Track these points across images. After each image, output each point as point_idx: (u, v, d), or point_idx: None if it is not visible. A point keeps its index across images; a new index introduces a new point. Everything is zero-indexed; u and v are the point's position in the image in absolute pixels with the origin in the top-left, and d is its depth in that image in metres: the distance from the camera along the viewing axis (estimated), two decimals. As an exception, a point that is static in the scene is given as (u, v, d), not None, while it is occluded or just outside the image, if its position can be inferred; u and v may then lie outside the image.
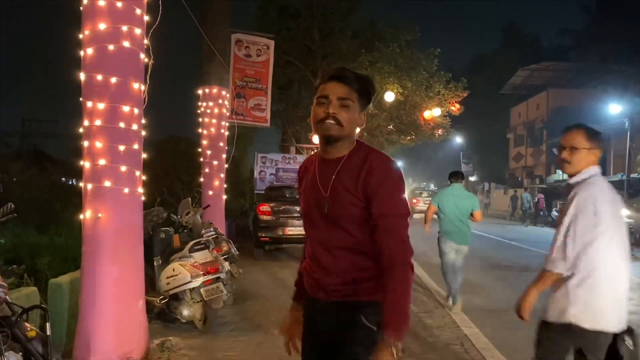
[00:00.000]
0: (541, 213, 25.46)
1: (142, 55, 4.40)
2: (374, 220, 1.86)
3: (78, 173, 4.28)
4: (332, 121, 1.89)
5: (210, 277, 5.05)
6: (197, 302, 5.11)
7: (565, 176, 2.72)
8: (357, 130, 2.01)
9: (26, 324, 3.06)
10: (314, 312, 2.05)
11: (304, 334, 2.12)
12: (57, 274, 5.13)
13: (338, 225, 1.92)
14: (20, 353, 2.90)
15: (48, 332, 3.03)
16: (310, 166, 2.11)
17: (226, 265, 5.52)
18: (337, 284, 1.93)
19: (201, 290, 5.02)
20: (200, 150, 8.98)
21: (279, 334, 2.20)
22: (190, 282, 5.00)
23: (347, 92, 1.91)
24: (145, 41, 4.49)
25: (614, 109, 22.91)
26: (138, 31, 4.29)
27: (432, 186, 48.86)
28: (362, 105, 1.98)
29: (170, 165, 15.48)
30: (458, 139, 37.35)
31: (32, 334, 3.00)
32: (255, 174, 16.66)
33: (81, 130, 4.22)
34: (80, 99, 4.21)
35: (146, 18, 4.45)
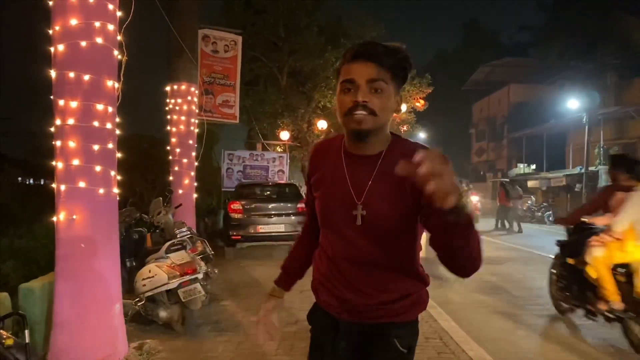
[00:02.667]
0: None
1: (116, 52, 4.28)
2: (429, 214, 1.46)
3: (37, 172, 4.14)
4: (364, 111, 1.53)
5: (187, 278, 4.96)
6: (175, 303, 5.01)
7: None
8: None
9: (1, 331, 2.95)
10: (331, 332, 1.73)
11: (314, 352, 1.82)
12: (20, 278, 4.97)
13: (376, 239, 1.60)
14: (-2, 362, 2.79)
15: (27, 340, 2.93)
16: (326, 159, 1.74)
17: (203, 265, 5.44)
18: (368, 305, 1.64)
19: (179, 291, 4.92)
20: (169, 148, 8.82)
21: (255, 321, 1.95)
22: (168, 283, 4.90)
23: (378, 72, 1.54)
24: (119, 37, 4.37)
25: (572, 104, 23.56)
26: (111, 27, 4.17)
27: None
28: (397, 86, 1.61)
29: (134, 164, 15.17)
30: (422, 135, 37.85)
31: (10, 342, 2.90)
32: (223, 172, 16.49)
33: (52, 129, 4.08)
34: (51, 96, 4.06)
35: (119, 14, 4.33)
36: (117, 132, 4.38)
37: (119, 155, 4.42)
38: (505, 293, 7.30)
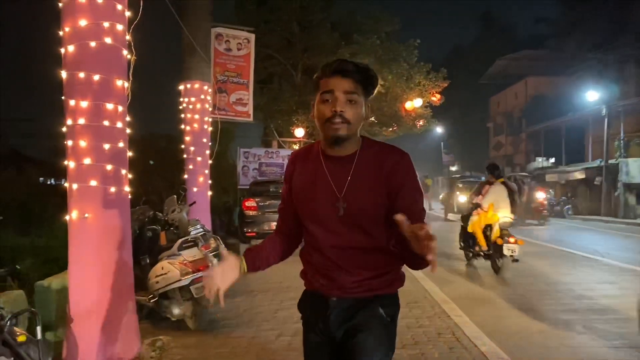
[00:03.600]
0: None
1: (125, 52, 4.32)
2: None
3: (57, 173, 4.21)
4: (340, 120, 1.80)
5: (199, 274, 5.00)
6: (187, 300, 5.06)
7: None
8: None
9: (15, 328, 3.00)
10: (322, 310, 1.94)
11: (308, 335, 2.03)
12: (40, 276, 5.05)
13: (356, 226, 1.86)
14: (12, 358, 2.85)
15: (39, 336, 2.98)
16: (306, 163, 1.99)
17: (216, 262, 5.47)
18: (356, 281, 1.88)
19: (191, 288, 4.97)
20: (183, 146, 8.89)
21: (205, 278, 1.87)
22: (180, 280, 4.95)
23: (353, 86, 1.83)
24: (127, 37, 4.41)
25: (591, 96, 23.23)
26: (120, 27, 4.22)
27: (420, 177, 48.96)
28: (366, 98, 1.89)
29: (152, 163, 15.35)
30: (439, 130, 37.60)
31: (22, 338, 2.95)
32: (239, 169, 16.58)
33: (64, 129, 4.14)
34: (62, 97, 4.12)
35: (127, 14, 4.37)
36: (129, 131, 4.42)
37: (130, 154, 4.47)
38: (521, 288, 7.24)
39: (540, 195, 18.79)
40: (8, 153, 29.28)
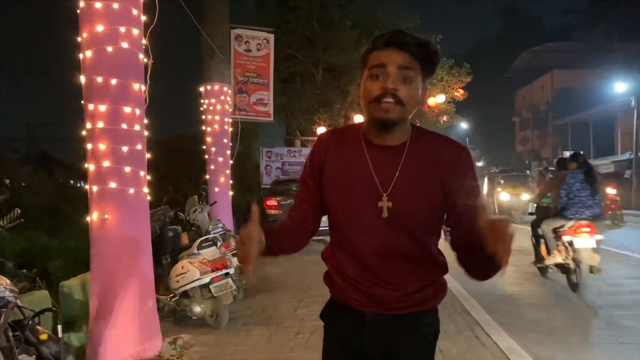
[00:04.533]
0: None
1: (141, 56, 4.41)
2: (461, 217, 1.57)
3: (85, 175, 4.31)
4: (392, 99, 1.49)
5: (219, 273, 5.08)
6: (208, 298, 5.14)
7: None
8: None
9: (38, 327, 3.10)
10: (355, 326, 1.67)
11: (333, 349, 1.75)
12: (69, 277, 5.18)
13: (403, 231, 1.57)
14: (34, 356, 2.94)
15: (60, 334, 3.07)
16: (342, 149, 1.66)
17: (234, 261, 5.54)
18: (397, 297, 1.61)
19: (211, 286, 5.05)
20: (204, 147, 9.01)
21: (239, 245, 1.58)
22: (200, 279, 5.03)
23: (409, 61, 1.52)
24: (144, 41, 4.50)
25: (620, 87, 22.71)
26: (136, 32, 4.30)
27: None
28: (424, 79, 1.58)
29: (177, 164, 15.56)
30: (464, 125, 37.24)
31: (44, 336, 3.04)
32: (261, 169, 16.71)
33: (84, 133, 4.24)
34: (82, 101, 4.23)
35: (143, 18, 4.45)
36: (147, 133, 4.51)
37: (149, 156, 4.55)
38: (543, 284, 7.15)
39: (611, 191, 15.05)
40: (39, 156, 30.03)
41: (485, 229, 1.32)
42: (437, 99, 19.48)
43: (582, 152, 7.11)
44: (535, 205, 8.20)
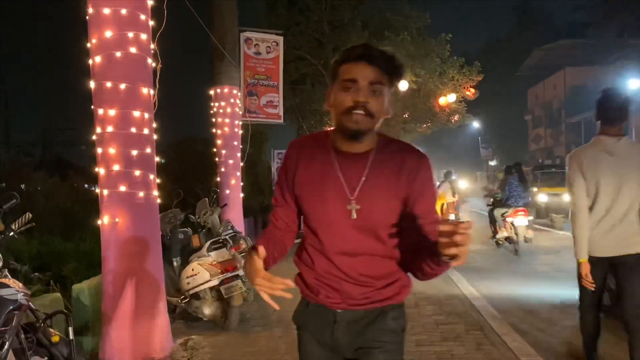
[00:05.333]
0: None
1: (150, 60, 4.46)
2: (415, 224, 1.67)
3: (97, 179, 4.37)
4: (362, 112, 1.60)
5: (229, 275, 5.11)
6: (218, 300, 5.19)
7: None
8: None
9: (50, 329, 3.15)
10: (328, 323, 1.77)
11: (309, 347, 1.84)
12: (83, 280, 5.24)
13: (369, 232, 1.69)
14: (46, 358, 2.99)
15: (71, 336, 3.12)
16: (312, 156, 1.76)
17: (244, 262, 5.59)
18: (365, 293, 1.73)
19: (221, 288, 5.09)
20: (215, 150, 9.07)
21: (260, 281, 1.59)
22: (210, 280, 5.07)
23: (379, 75, 1.62)
24: (152, 46, 4.55)
25: (634, 83, 22.43)
26: (144, 36, 4.35)
27: (452, 175, 48.29)
28: (390, 90, 1.69)
29: (189, 166, 15.65)
30: (475, 124, 37.03)
31: (56, 338, 3.09)
32: (273, 171, 16.75)
33: (94, 137, 4.30)
34: (92, 106, 4.29)
35: (151, 23, 4.50)
36: (156, 137, 4.56)
37: (158, 159, 4.60)
38: (556, 283, 7.10)
39: None
40: (54, 161, 30.36)
41: (443, 232, 1.37)
42: (448, 99, 19.39)
43: (517, 162, 10.48)
44: (491, 199, 11.28)
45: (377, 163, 1.70)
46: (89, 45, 4.26)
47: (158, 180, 4.57)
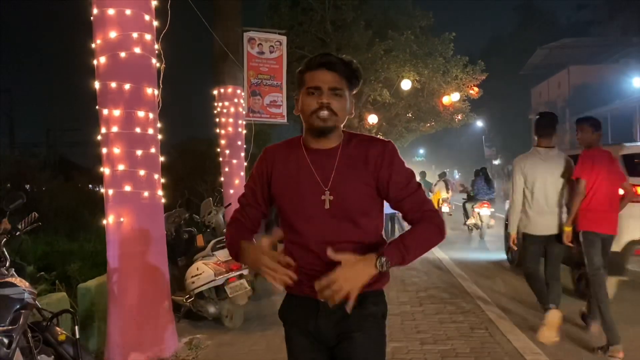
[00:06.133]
0: None
1: (154, 61, 4.47)
2: (399, 201, 1.87)
3: (102, 180, 4.39)
4: (327, 111, 1.81)
5: (233, 274, 5.13)
6: (223, 299, 5.20)
7: None
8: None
9: (57, 328, 3.17)
10: (312, 313, 1.88)
11: (295, 339, 1.95)
12: (88, 279, 5.28)
13: (345, 218, 1.84)
14: (52, 356, 3.01)
15: (77, 335, 3.13)
16: (287, 158, 1.93)
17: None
18: None
19: (225, 287, 5.11)
20: (219, 150, 9.08)
21: (261, 265, 1.75)
22: (215, 280, 5.09)
23: (338, 80, 1.84)
24: (156, 46, 4.56)
25: (638, 82, 22.37)
26: (148, 37, 4.37)
27: (455, 174, 48.21)
28: (351, 92, 1.90)
29: (193, 166, 15.69)
30: (479, 123, 36.98)
31: (63, 337, 3.11)
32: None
33: (99, 137, 4.32)
34: (97, 107, 4.31)
35: (155, 23, 4.52)
36: (160, 137, 4.58)
37: (162, 159, 4.62)
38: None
39: None
40: (58, 161, 30.46)
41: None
42: (451, 98, 19.36)
43: (483, 167, 13.83)
44: (465, 194, 13.77)
45: (345, 155, 1.88)
46: (93, 45, 4.28)
47: (163, 180, 4.59)
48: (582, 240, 4.48)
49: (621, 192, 4.65)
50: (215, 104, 8.99)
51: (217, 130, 9.02)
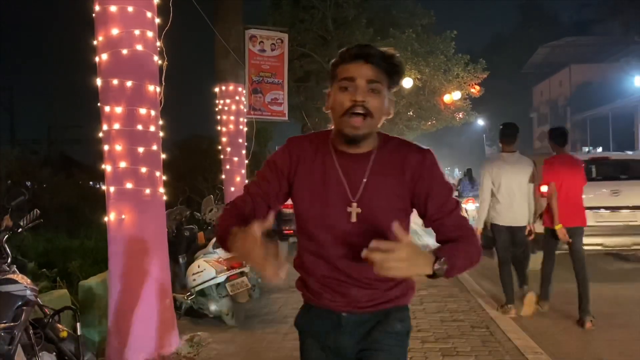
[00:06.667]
0: None
1: (156, 58, 4.47)
2: (436, 220, 1.66)
3: (103, 177, 4.39)
4: (362, 111, 1.57)
5: (234, 271, 5.14)
6: (224, 297, 5.20)
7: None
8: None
9: (58, 325, 3.17)
10: (332, 328, 1.74)
11: (312, 353, 1.82)
12: (89, 276, 5.29)
13: (372, 234, 1.56)
14: (54, 353, 3.01)
15: (79, 332, 3.14)
16: (313, 156, 1.71)
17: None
18: (371, 295, 1.69)
19: (227, 285, 5.11)
20: (220, 147, 9.08)
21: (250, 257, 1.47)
22: (216, 277, 5.09)
23: (376, 74, 1.59)
24: (158, 43, 4.56)
25: (639, 81, 22.33)
26: (150, 34, 4.36)
27: (456, 172, 48.12)
28: (389, 90, 1.66)
29: (194, 164, 15.70)
30: (480, 122, 36.91)
31: (64, 334, 3.12)
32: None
33: (101, 134, 4.32)
34: (98, 104, 4.31)
35: (157, 21, 4.52)
36: (162, 134, 4.58)
37: (164, 156, 4.61)
38: (563, 281, 7.07)
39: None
40: (59, 158, 30.46)
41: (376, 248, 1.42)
42: (452, 96, 19.36)
43: (469, 168, 15.08)
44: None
45: (379, 163, 1.67)
46: (95, 42, 4.28)
47: (164, 178, 4.58)
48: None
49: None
50: (217, 102, 8.98)
51: (219, 128, 9.02)
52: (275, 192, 1.74)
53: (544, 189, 5.39)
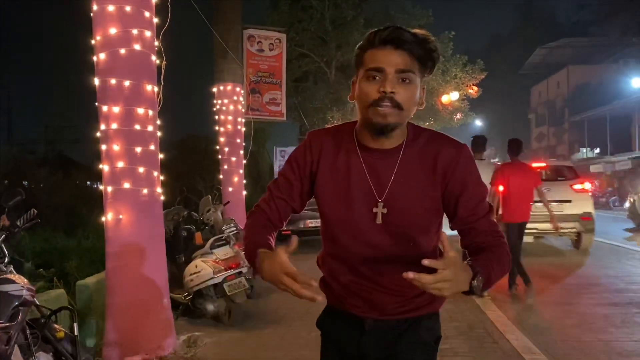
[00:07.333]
0: None
1: (154, 57, 4.46)
2: (467, 223, 1.52)
3: (101, 177, 4.38)
4: (389, 103, 1.41)
5: (232, 272, 5.13)
6: (221, 297, 5.20)
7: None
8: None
9: (55, 325, 3.16)
10: (355, 333, 1.63)
11: (334, 354, 1.71)
12: (86, 276, 5.27)
13: (400, 236, 1.52)
14: (51, 353, 3.00)
15: (76, 332, 3.13)
16: (336, 152, 1.57)
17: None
18: (397, 301, 1.57)
19: (224, 285, 5.11)
20: (217, 147, 9.08)
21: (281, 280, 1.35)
22: (213, 278, 5.09)
23: (408, 61, 1.42)
24: (156, 43, 4.55)
25: (637, 82, 22.40)
26: (148, 34, 4.36)
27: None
28: (423, 78, 1.50)
29: (192, 164, 15.70)
30: (478, 122, 36.97)
31: (61, 334, 3.10)
32: (275, 168, 16.77)
33: (98, 134, 4.31)
34: (96, 103, 4.30)
35: (155, 20, 4.51)
36: (160, 134, 4.57)
37: (161, 156, 4.61)
38: (559, 282, 7.10)
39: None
40: (57, 158, 30.40)
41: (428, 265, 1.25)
42: (450, 97, 19.40)
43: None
44: None
45: (408, 159, 1.51)
46: (93, 42, 4.27)
47: (162, 178, 4.57)
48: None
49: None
50: (215, 102, 8.98)
51: (216, 128, 9.02)
52: (298, 192, 1.63)
53: (501, 189, 6.11)
